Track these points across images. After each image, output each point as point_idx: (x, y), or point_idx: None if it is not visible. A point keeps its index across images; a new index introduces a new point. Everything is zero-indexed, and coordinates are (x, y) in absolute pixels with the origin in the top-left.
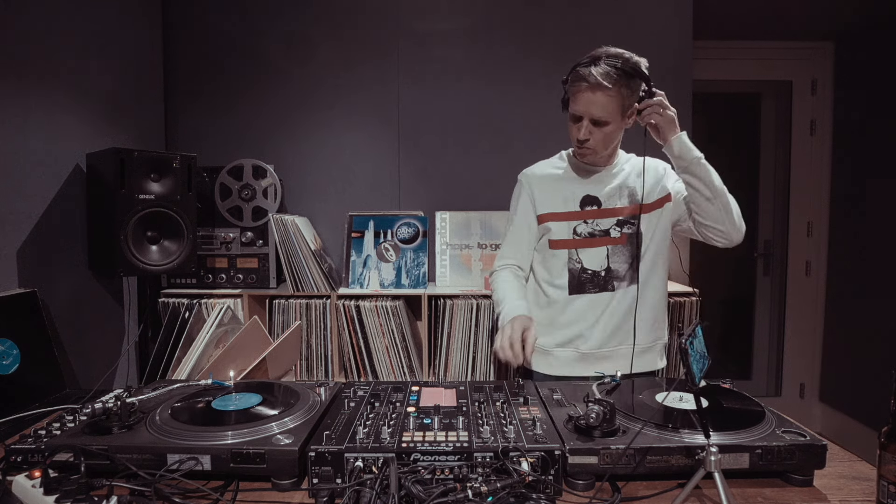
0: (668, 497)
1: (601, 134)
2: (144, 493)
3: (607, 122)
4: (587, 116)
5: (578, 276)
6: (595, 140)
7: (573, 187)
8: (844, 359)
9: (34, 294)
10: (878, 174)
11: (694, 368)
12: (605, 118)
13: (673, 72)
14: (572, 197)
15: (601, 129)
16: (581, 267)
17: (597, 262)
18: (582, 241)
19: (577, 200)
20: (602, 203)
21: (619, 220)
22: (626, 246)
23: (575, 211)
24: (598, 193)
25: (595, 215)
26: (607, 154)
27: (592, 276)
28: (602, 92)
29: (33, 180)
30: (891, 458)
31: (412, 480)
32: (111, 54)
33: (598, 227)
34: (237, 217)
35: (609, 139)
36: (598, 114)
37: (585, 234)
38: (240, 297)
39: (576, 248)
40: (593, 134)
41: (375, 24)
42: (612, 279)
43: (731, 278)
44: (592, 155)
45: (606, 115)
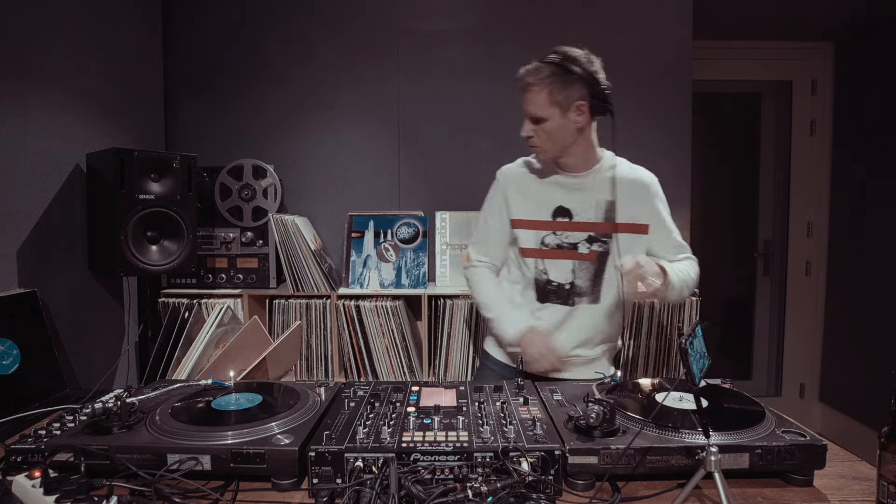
0: (668, 497)
1: (543, 131)
2: (144, 493)
3: (544, 119)
4: (526, 115)
5: (545, 286)
6: (540, 138)
7: (548, 194)
8: (844, 359)
9: (34, 294)
10: (878, 174)
11: (694, 368)
12: (539, 114)
13: (673, 72)
14: (545, 205)
15: (541, 126)
16: (547, 279)
17: (563, 275)
18: (549, 252)
19: (549, 209)
20: (574, 215)
21: (591, 237)
22: (594, 264)
23: (545, 220)
24: (571, 204)
25: (565, 227)
26: (557, 151)
27: (557, 288)
28: (532, 89)
29: (33, 180)
30: (891, 458)
31: (412, 480)
32: (111, 54)
33: (567, 239)
34: (237, 217)
35: (553, 136)
36: (533, 111)
37: (553, 245)
38: (240, 297)
39: (542, 258)
40: (536, 132)
41: (375, 24)
42: (574, 294)
43: (731, 278)
44: (542, 153)
45: (539, 111)
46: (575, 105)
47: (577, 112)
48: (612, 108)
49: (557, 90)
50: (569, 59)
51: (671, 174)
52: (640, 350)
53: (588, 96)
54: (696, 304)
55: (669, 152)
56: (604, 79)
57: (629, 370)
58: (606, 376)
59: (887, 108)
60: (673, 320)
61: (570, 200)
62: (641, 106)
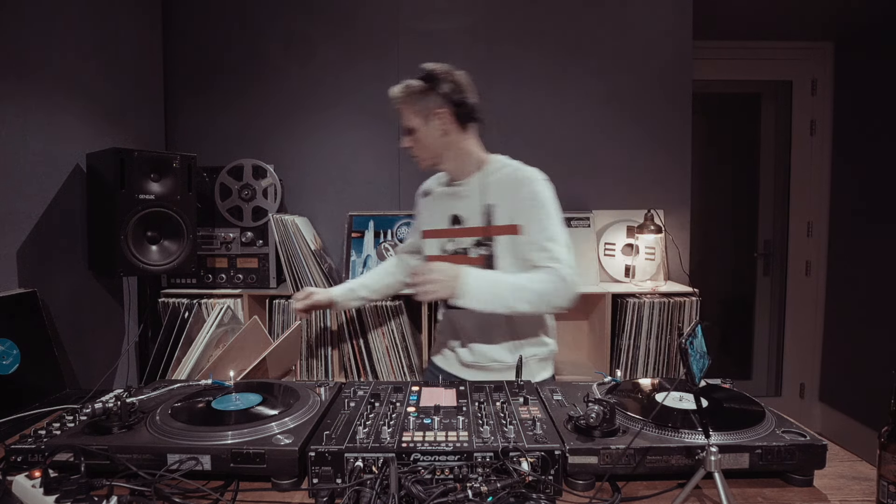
0: (668, 497)
1: (414, 141)
2: (144, 493)
3: (413, 129)
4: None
5: None
6: (415, 148)
7: (445, 203)
8: (844, 359)
9: (34, 294)
10: (877, 174)
11: (694, 368)
12: (407, 125)
13: (673, 72)
14: (444, 213)
15: (412, 136)
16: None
17: None
18: (448, 258)
19: (447, 217)
20: (463, 221)
21: (478, 241)
22: (483, 267)
23: (444, 228)
24: (461, 211)
25: (458, 234)
26: (431, 158)
27: None
28: (400, 105)
29: (33, 180)
30: (891, 458)
31: (412, 480)
32: (111, 54)
33: (460, 245)
34: (237, 217)
35: (422, 145)
36: (403, 124)
37: (451, 251)
38: (240, 297)
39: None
40: (411, 142)
41: (375, 24)
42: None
43: (731, 278)
44: (420, 161)
45: (407, 122)
46: (434, 113)
47: (438, 119)
48: (478, 116)
49: (416, 101)
50: (426, 75)
51: (671, 174)
52: (640, 350)
53: (446, 105)
54: (696, 304)
55: (669, 152)
56: (466, 89)
57: (629, 370)
58: (607, 376)
59: (887, 108)
60: (673, 320)
61: (460, 208)
62: (641, 106)
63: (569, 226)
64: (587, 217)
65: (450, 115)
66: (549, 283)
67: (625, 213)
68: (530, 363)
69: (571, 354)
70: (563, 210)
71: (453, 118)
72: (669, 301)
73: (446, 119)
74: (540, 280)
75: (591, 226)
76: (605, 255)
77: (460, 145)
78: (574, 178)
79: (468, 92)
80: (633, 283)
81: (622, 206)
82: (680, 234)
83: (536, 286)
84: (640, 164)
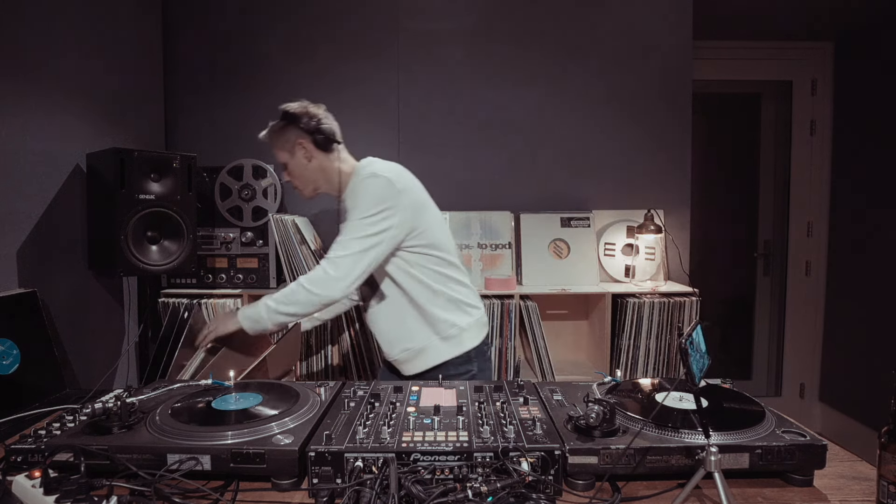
0: (668, 497)
1: (289, 174)
2: (144, 493)
3: (284, 163)
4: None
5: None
6: (293, 180)
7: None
8: (844, 359)
9: (34, 294)
10: (877, 174)
11: (694, 368)
12: (279, 161)
13: (673, 72)
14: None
15: (287, 170)
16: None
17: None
18: None
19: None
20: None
21: None
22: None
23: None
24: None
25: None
26: (311, 186)
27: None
28: (270, 145)
29: (33, 180)
30: (891, 458)
31: (412, 480)
32: (111, 54)
33: None
34: (237, 217)
35: (297, 175)
36: (277, 161)
37: None
38: (240, 297)
39: None
40: (288, 175)
41: (375, 24)
42: (363, 298)
43: (731, 278)
44: (301, 191)
45: (278, 159)
46: (296, 145)
47: (301, 150)
48: (335, 138)
49: (279, 138)
50: (283, 114)
51: (671, 174)
52: (640, 350)
53: (304, 135)
54: (696, 304)
55: (669, 152)
56: (320, 118)
57: (629, 370)
58: (607, 376)
59: (887, 108)
60: (673, 320)
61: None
62: (641, 106)
63: (569, 226)
64: (587, 217)
65: (310, 143)
66: (303, 280)
67: (625, 213)
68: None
69: (571, 354)
70: (564, 210)
71: (314, 145)
72: (669, 301)
73: (308, 147)
74: (297, 281)
75: (591, 226)
76: (605, 255)
77: (327, 167)
78: (574, 178)
79: (322, 120)
80: (633, 283)
81: (622, 206)
82: (680, 234)
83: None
84: (640, 164)
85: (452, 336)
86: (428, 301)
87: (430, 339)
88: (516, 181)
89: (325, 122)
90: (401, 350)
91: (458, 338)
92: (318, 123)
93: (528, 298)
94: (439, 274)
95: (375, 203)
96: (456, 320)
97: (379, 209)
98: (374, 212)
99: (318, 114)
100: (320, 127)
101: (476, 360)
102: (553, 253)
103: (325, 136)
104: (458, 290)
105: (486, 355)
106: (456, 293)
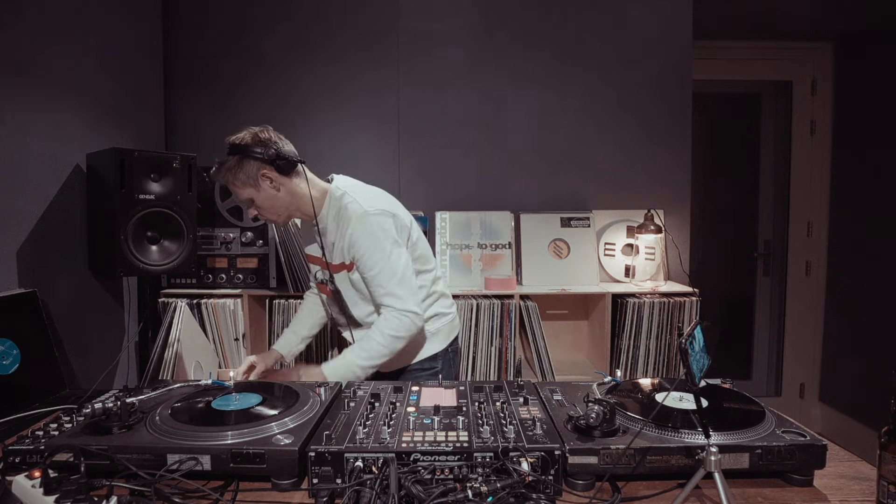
0: (668, 497)
1: (259, 208)
2: (144, 493)
3: (250, 199)
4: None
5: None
6: (262, 214)
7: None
8: (844, 359)
9: (34, 294)
10: (877, 174)
11: (694, 368)
12: (243, 198)
13: (673, 72)
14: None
15: (254, 205)
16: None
17: (330, 305)
18: (320, 287)
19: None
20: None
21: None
22: (334, 299)
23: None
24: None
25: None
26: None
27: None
28: (227, 185)
29: (33, 180)
30: (891, 458)
31: (412, 480)
32: (111, 54)
33: (319, 276)
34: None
35: (267, 208)
36: (239, 198)
37: (320, 279)
38: (240, 297)
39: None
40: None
41: (375, 24)
42: (337, 325)
43: (731, 278)
44: (275, 223)
45: (241, 196)
46: (260, 176)
47: (266, 181)
48: (296, 159)
49: (238, 174)
50: (231, 148)
51: (671, 174)
52: (640, 350)
53: (265, 164)
54: (696, 304)
55: (669, 152)
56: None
57: (629, 370)
58: (607, 376)
59: (887, 108)
60: (673, 320)
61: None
62: (641, 106)
63: (569, 226)
64: (587, 217)
65: (273, 172)
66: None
67: (625, 213)
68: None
69: (571, 354)
70: (564, 210)
71: (278, 172)
72: (669, 301)
73: (273, 176)
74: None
75: (591, 226)
76: (605, 255)
77: (296, 192)
78: (574, 178)
79: (278, 143)
80: (633, 283)
81: (622, 206)
82: (680, 234)
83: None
84: (640, 164)
85: (422, 340)
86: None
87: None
88: (516, 181)
89: (281, 145)
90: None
91: (427, 341)
92: (277, 148)
93: (528, 298)
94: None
95: (385, 238)
96: (427, 326)
97: (391, 241)
98: (389, 246)
99: (271, 138)
100: (280, 152)
101: (441, 359)
102: (553, 253)
103: (288, 160)
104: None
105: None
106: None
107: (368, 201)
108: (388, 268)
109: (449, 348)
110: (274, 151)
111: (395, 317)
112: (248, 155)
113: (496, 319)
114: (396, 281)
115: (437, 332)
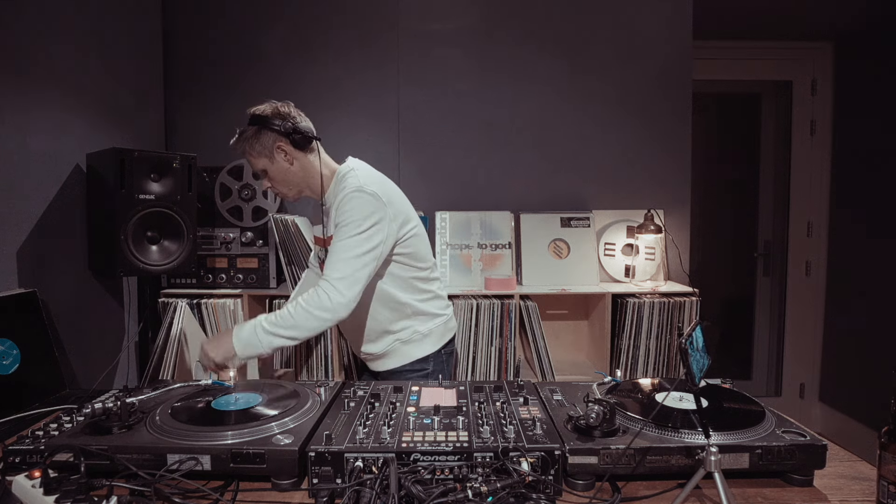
0: (668, 497)
1: (271, 180)
2: (144, 493)
3: (264, 170)
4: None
5: None
6: (274, 186)
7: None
8: (844, 359)
9: (34, 294)
10: (877, 174)
11: (694, 368)
12: (257, 169)
13: (673, 72)
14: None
15: (267, 177)
16: None
17: None
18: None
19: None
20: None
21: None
22: None
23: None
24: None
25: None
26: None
27: None
28: (242, 154)
29: (33, 180)
30: (891, 458)
31: (412, 480)
32: (111, 54)
33: (320, 256)
34: (237, 217)
35: (279, 180)
36: (253, 168)
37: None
38: (240, 297)
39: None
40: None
41: (375, 25)
42: None
43: (731, 278)
44: (286, 196)
45: (256, 167)
46: (276, 148)
47: (281, 153)
48: (313, 135)
49: (254, 145)
50: (252, 118)
51: (671, 174)
52: (640, 350)
53: (282, 137)
54: (696, 304)
55: (669, 152)
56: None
57: (629, 370)
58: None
59: (887, 108)
60: (673, 320)
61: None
62: (641, 106)
63: (569, 226)
64: (587, 217)
65: (289, 145)
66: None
67: (625, 213)
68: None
69: (571, 354)
70: (564, 210)
71: (293, 146)
72: (669, 301)
73: (288, 149)
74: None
75: (591, 226)
76: (605, 255)
77: (309, 167)
78: (574, 178)
79: (297, 118)
80: (633, 283)
81: (622, 206)
82: (680, 234)
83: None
84: (640, 164)
85: (414, 341)
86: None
87: (391, 343)
88: (516, 181)
89: (299, 120)
90: (364, 354)
91: (419, 342)
92: (294, 123)
93: (528, 298)
94: (411, 285)
95: (365, 218)
96: (418, 327)
97: (369, 224)
98: (364, 227)
99: (289, 113)
100: (297, 126)
101: (433, 361)
102: (553, 253)
103: (304, 135)
104: (425, 301)
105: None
106: (423, 304)
107: (368, 180)
108: (350, 243)
109: (442, 350)
110: (291, 125)
111: (318, 291)
112: (267, 126)
113: (496, 319)
114: (347, 258)
115: (429, 334)
